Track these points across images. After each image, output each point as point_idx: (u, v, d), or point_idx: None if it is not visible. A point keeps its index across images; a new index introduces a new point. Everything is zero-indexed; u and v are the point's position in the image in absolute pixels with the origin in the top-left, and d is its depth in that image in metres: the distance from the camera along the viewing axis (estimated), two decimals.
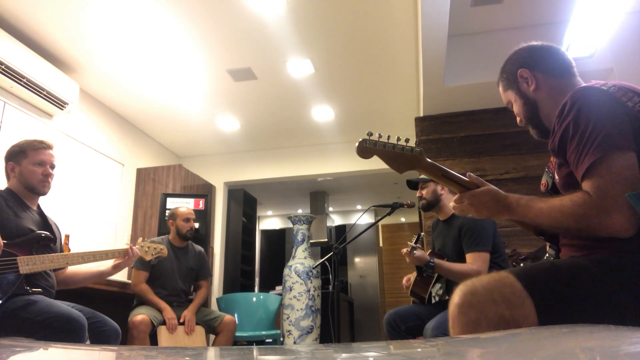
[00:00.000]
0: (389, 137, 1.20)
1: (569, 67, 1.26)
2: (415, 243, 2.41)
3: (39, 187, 2.14)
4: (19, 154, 2.14)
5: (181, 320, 3.04)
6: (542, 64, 1.27)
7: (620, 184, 0.96)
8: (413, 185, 2.51)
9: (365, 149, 1.18)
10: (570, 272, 1.02)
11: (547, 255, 1.33)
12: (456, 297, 0.99)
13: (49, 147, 2.20)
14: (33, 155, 2.14)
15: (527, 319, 0.93)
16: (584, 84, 1.20)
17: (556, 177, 1.21)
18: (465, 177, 1.22)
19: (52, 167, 2.19)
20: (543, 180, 1.32)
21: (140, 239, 2.59)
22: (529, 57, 1.29)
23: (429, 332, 2.18)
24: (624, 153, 0.98)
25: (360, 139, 1.19)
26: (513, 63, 1.32)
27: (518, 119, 1.35)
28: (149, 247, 2.58)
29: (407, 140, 1.20)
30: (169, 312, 3.00)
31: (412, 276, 2.58)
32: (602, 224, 0.96)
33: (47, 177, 2.15)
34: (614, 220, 0.95)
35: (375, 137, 1.18)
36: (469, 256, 2.29)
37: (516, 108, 1.33)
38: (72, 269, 2.32)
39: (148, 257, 2.59)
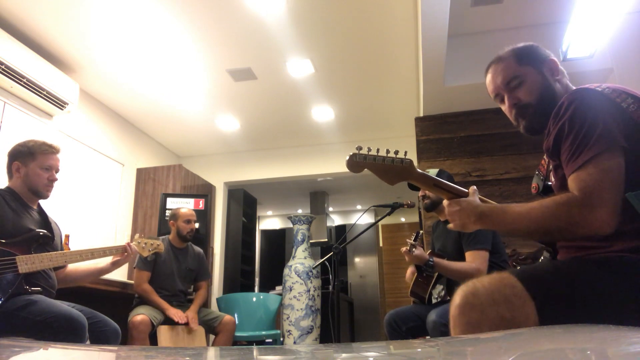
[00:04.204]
0: (378, 150, 1.20)
1: (566, 75, 1.31)
2: (414, 241, 2.40)
3: (43, 190, 2.14)
4: (26, 155, 2.12)
5: (184, 321, 3.05)
6: (559, 65, 1.30)
7: (607, 182, 0.97)
8: (414, 185, 2.50)
9: (356, 164, 1.19)
10: (571, 273, 1.02)
11: (542, 257, 1.32)
12: (457, 298, 0.99)
13: (57, 151, 2.20)
14: (42, 159, 2.13)
15: (528, 320, 0.93)
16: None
17: (552, 179, 1.21)
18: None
19: (57, 171, 2.19)
20: (534, 183, 1.32)
21: (137, 235, 2.59)
22: (553, 53, 1.30)
23: (431, 323, 2.18)
24: (614, 154, 0.99)
25: (350, 154, 1.19)
26: (538, 48, 1.29)
27: (513, 101, 1.24)
28: (145, 243, 2.58)
29: (396, 152, 1.20)
30: (172, 309, 3.01)
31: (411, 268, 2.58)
32: (585, 220, 0.97)
33: (52, 182, 2.16)
34: (597, 216, 0.95)
35: (364, 151, 1.19)
36: (468, 254, 2.29)
37: (530, 85, 1.23)
38: (71, 267, 2.32)
39: (145, 253, 2.59)
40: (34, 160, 2.12)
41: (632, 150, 1.00)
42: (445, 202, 1.23)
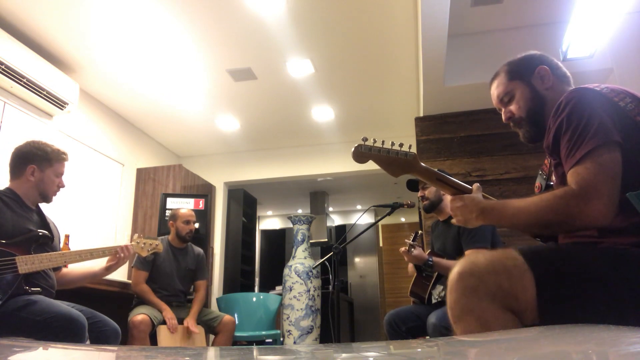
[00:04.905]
0: (383, 142, 1.22)
1: (570, 78, 1.34)
2: (413, 241, 2.41)
3: (52, 196, 2.17)
4: (43, 161, 2.11)
5: (174, 329, 3.04)
6: (558, 70, 1.33)
7: (604, 175, 0.99)
8: (413, 186, 2.51)
9: (361, 154, 1.21)
10: (574, 253, 1.04)
11: None
12: (457, 266, 1.02)
13: (68, 158, 2.23)
14: (58, 167, 2.15)
15: (526, 292, 0.95)
16: None
17: (552, 177, 1.22)
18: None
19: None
20: (537, 183, 1.35)
21: (136, 235, 2.59)
22: (548, 60, 1.34)
23: (431, 326, 2.18)
24: (611, 149, 1.01)
25: (356, 145, 1.21)
26: (530, 59, 1.34)
27: (507, 115, 1.35)
28: (144, 243, 2.58)
29: (401, 145, 1.22)
30: (169, 313, 3.00)
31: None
32: (582, 211, 0.99)
33: (60, 188, 2.19)
34: (593, 207, 0.98)
35: (370, 142, 1.21)
36: (467, 253, 2.29)
37: (518, 100, 1.32)
38: (65, 269, 2.32)
39: (144, 253, 2.59)
40: (50, 167, 2.13)
41: (631, 150, 1.02)
42: (448, 197, 1.25)
